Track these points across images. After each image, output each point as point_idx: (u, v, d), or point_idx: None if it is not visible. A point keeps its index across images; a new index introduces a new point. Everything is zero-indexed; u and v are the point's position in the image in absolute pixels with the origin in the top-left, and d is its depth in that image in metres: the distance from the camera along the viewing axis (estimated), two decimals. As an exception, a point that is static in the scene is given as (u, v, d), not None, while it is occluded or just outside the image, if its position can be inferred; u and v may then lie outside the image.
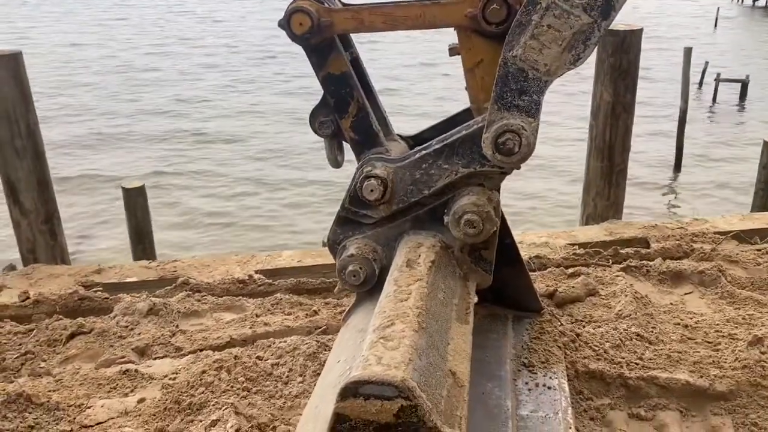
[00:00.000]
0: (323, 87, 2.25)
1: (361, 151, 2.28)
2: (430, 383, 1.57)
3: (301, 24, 2.10)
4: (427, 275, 1.97)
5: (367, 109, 2.24)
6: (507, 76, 1.91)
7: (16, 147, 4.63)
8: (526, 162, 2.05)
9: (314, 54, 2.20)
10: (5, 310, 4.24)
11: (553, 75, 1.90)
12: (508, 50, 1.89)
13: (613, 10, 1.84)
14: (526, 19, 1.85)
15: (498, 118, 1.93)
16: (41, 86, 24.71)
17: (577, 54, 1.88)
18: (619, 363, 3.25)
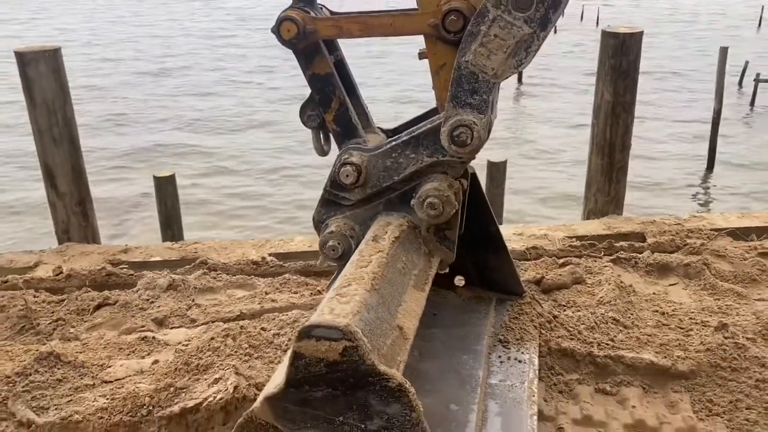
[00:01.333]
0: (309, 85, 2.57)
1: (342, 141, 2.61)
2: (375, 332, 1.89)
3: (288, 30, 2.44)
4: (389, 248, 2.29)
5: (347, 104, 2.56)
6: (461, 78, 2.21)
7: (54, 135, 5.07)
8: (477, 154, 2.35)
9: (302, 56, 2.53)
10: (41, 283, 4.68)
11: (499, 77, 2.20)
12: (461, 56, 2.19)
13: (550, 22, 2.12)
14: (476, 29, 2.15)
15: (453, 114, 2.23)
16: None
17: (520, 60, 2.17)
18: (591, 343, 3.52)
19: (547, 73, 27.29)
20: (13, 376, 3.32)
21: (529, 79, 26.62)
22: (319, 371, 1.80)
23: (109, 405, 3.09)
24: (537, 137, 19.81)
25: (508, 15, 2.10)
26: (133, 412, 3.05)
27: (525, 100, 25.09)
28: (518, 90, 26.49)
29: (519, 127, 21.12)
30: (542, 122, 21.30)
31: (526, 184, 15.37)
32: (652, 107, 20.87)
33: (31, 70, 4.86)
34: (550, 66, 28.55)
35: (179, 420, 3.03)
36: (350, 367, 1.78)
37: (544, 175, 16.21)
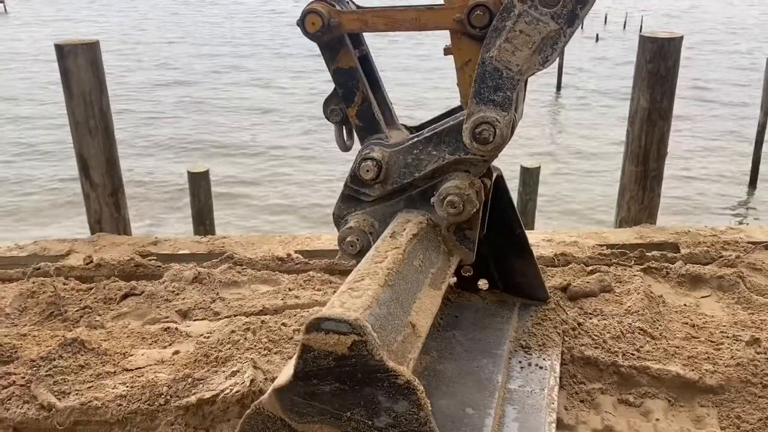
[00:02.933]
0: (333, 79, 2.56)
1: (364, 137, 2.59)
2: (386, 328, 1.86)
3: (313, 23, 2.43)
4: (406, 245, 2.26)
5: (371, 99, 2.54)
6: (484, 74, 2.17)
7: (90, 127, 5.17)
8: (501, 151, 2.30)
9: (326, 50, 2.52)
10: (72, 271, 4.76)
11: (524, 74, 2.15)
12: (486, 51, 2.15)
13: (578, 18, 2.07)
14: (501, 25, 2.11)
15: (476, 111, 2.20)
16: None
17: (546, 56, 2.12)
18: (615, 352, 3.43)
19: (585, 80, 26.92)
20: (38, 360, 3.37)
21: (567, 76, 26.27)
22: (327, 365, 1.78)
23: (128, 392, 3.12)
24: (574, 143, 19.51)
25: (534, 10, 2.06)
26: (150, 400, 3.08)
27: (563, 105, 24.77)
28: (557, 94, 26.16)
29: (556, 133, 20.83)
30: (580, 129, 20.98)
31: (559, 191, 15.11)
32: (688, 120, 20.37)
33: (70, 63, 4.97)
34: (587, 71, 28.17)
35: (195, 411, 3.04)
36: (359, 362, 1.75)
37: (579, 181, 15.94)
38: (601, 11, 45.69)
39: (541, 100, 24.34)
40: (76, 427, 3.05)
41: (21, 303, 4.21)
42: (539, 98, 24.65)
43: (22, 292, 4.29)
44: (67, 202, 13.61)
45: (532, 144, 18.65)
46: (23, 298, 4.25)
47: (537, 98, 24.47)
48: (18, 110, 22.04)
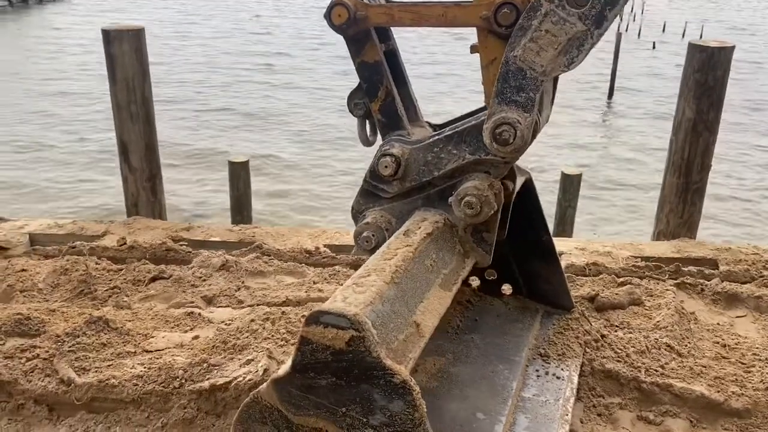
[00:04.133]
0: (357, 73, 2.54)
1: (386, 132, 2.56)
2: (387, 326, 1.84)
3: (339, 15, 2.41)
4: (418, 243, 2.22)
5: (394, 95, 2.52)
6: (508, 74, 2.12)
7: (131, 112, 5.28)
8: (521, 153, 2.25)
9: (352, 43, 2.51)
10: (105, 251, 4.87)
11: (548, 75, 2.09)
12: (510, 50, 2.10)
13: (606, 20, 2.00)
14: (527, 24, 2.06)
15: (498, 111, 2.15)
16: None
17: (571, 58, 2.06)
18: (638, 367, 3.33)
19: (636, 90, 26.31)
20: (63, 336, 3.46)
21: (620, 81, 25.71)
22: (325, 359, 1.77)
23: (144, 373, 3.17)
24: (619, 151, 19.07)
25: (561, 10, 2.00)
26: (165, 383, 3.12)
27: (614, 111, 24.25)
28: (609, 101, 25.63)
29: (602, 140, 20.40)
30: (628, 136, 20.51)
31: (600, 199, 14.79)
32: (736, 132, 19.65)
33: (114, 48, 5.08)
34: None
35: (208, 396, 3.07)
36: (356, 357, 1.74)
37: (622, 191, 15.57)
38: (659, 20, 44.66)
39: (591, 105, 23.90)
40: (93, 403, 3.11)
41: (54, 279, 4.33)
42: (589, 104, 24.22)
43: (56, 269, 4.41)
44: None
45: (577, 150, 18.31)
46: (56, 275, 4.36)
47: (586, 104, 24.05)
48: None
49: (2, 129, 18.42)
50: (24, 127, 18.98)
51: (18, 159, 16.21)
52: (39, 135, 18.11)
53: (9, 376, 3.14)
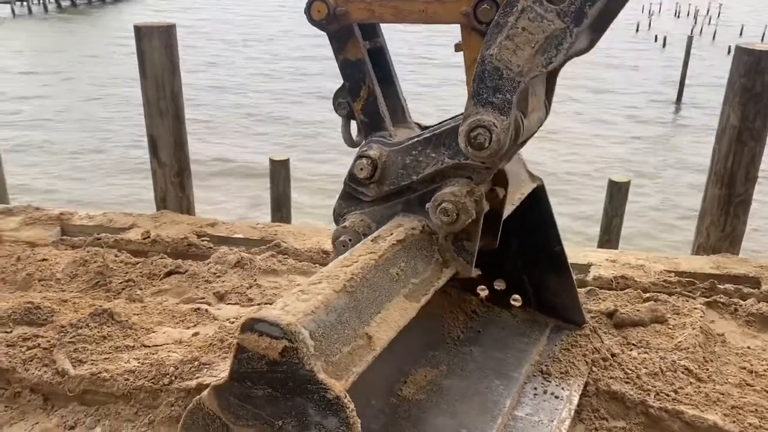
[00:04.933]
0: (340, 71, 2.46)
1: (369, 133, 2.46)
2: (330, 337, 1.74)
3: (319, 11, 2.33)
4: (385, 251, 2.11)
5: (376, 94, 2.41)
6: (484, 74, 1.99)
7: (161, 108, 5.36)
8: (498, 158, 2.11)
9: (334, 40, 2.42)
10: (128, 244, 4.94)
11: (525, 76, 1.95)
12: (486, 48, 1.97)
13: (586, 17, 1.85)
14: (503, 20, 1.92)
15: (473, 113, 2.02)
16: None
17: (549, 58, 1.91)
18: (648, 390, 3.12)
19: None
20: (67, 327, 3.50)
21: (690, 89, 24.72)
22: (261, 368, 1.69)
23: (137, 368, 3.17)
24: (684, 158, 18.24)
25: (539, 6, 1.86)
26: (156, 379, 3.11)
27: (684, 117, 23.29)
28: (676, 105, 24.66)
29: (664, 147, 19.60)
30: (693, 145, 19.63)
31: (651, 207, 14.13)
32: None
33: (145, 44, 5.16)
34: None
35: (195, 394, 3.03)
36: (290, 369, 1.65)
37: (671, 200, 14.86)
38: (736, 22, 42.76)
39: (656, 114, 23.02)
40: (85, 395, 3.13)
41: (73, 270, 4.41)
42: (654, 111, 23.36)
43: (76, 259, 4.49)
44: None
45: (630, 156, 17.55)
46: (76, 266, 4.44)
47: (650, 112, 23.19)
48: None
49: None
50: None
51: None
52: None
53: (8, 364, 3.19)
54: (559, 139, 18.39)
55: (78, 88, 24.63)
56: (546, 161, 15.81)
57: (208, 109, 22.16)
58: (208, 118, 20.95)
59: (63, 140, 18.05)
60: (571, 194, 14.23)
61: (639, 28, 45.71)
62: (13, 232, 5.18)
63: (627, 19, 49.29)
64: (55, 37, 35.44)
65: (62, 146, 17.52)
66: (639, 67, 31.43)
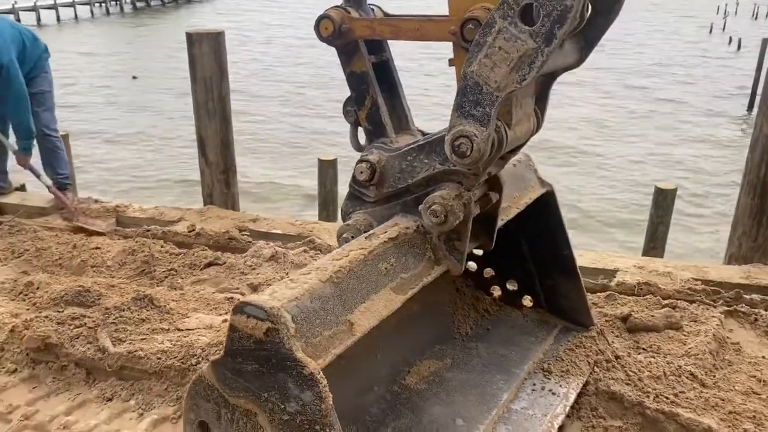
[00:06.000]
0: (348, 82, 2.67)
1: (372, 140, 2.68)
2: (312, 321, 1.96)
3: (326, 28, 2.55)
4: (376, 247, 2.32)
5: (379, 104, 2.62)
6: (466, 88, 2.17)
7: (209, 109, 5.71)
8: (480, 165, 2.28)
9: (342, 54, 2.64)
10: (175, 236, 5.31)
11: (502, 91, 2.11)
12: (468, 65, 2.14)
13: (555, 38, 1.99)
14: (482, 40, 2.10)
15: (457, 123, 2.20)
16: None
17: (523, 75, 2.07)
18: (648, 393, 3.21)
19: None
20: (111, 309, 3.84)
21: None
22: (249, 346, 1.92)
23: (169, 349, 3.47)
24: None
25: (514, 27, 2.03)
26: (185, 359, 3.40)
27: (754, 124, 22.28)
28: (747, 114, 23.72)
29: (731, 155, 18.93)
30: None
31: (693, 217, 13.66)
32: None
33: (195, 50, 5.51)
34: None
35: (218, 375, 3.31)
36: (273, 347, 1.88)
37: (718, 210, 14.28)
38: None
39: (726, 121, 22.19)
40: (122, 371, 3.45)
41: (122, 258, 4.79)
42: (724, 118, 22.54)
43: (125, 248, 4.87)
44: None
45: (690, 163, 17.00)
46: (125, 254, 4.82)
47: (721, 119, 22.39)
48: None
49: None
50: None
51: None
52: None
53: (57, 339, 3.55)
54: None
55: (153, 87, 25.58)
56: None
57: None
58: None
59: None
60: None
61: (713, 30, 44.12)
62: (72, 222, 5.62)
63: (699, 21, 47.51)
64: (130, 38, 36.88)
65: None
66: (707, 71, 30.34)
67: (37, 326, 3.61)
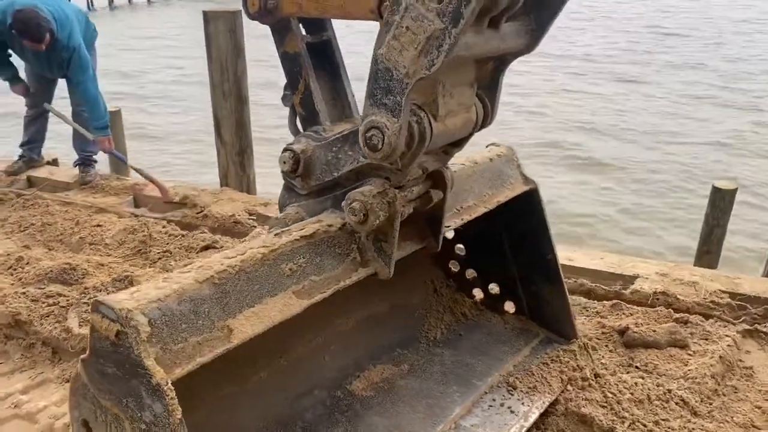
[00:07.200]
0: (281, 64, 2.47)
1: (306, 127, 2.47)
2: (176, 325, 1.79)
3: (253, 4, 2.36)
4: (283, 245, 2.12)
5: (311, 89, 2.41)
6: (377, 74, 1.92)
7: (224, 90, 5.63)
8: (393, 160, 2.03)
9: (275, 33, 2.43)
10: (184, 218, 5.27)
11: (412, 78, 1.86)
12: (377, 47, 1.90)
13: (462, 17, 1.73)
14: (390, 19, 1.84)
15: (369, 113, 1.96)
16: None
17: (432, 59, 1.81)
18: (623, 418, 2.89)
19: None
20: (90, 289, 3.83)
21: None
22: (107, 348, 1.78)
23: (130, 334, 3.40)
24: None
25: (421, 5, 1.77)
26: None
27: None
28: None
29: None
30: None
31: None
32: None
33: (211, 28, 5.43)
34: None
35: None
36: (125, 352, 1.73)
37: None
38: None
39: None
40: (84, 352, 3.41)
41: (121, 237, 4.79)
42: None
43: (126, 227, 4.87)
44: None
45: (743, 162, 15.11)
46: (125, 233, 4.82)
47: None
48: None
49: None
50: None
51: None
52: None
53: (27, 317, 3.56)
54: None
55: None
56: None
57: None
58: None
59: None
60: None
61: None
62: (90, 197, 5.70)
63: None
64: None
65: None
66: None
67: (10, 302, 3.62)
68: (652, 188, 12.46)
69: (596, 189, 12.46)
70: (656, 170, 13.38)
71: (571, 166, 13.74)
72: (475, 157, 3.07)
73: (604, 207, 11.60)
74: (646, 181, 12.77)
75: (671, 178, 13.10)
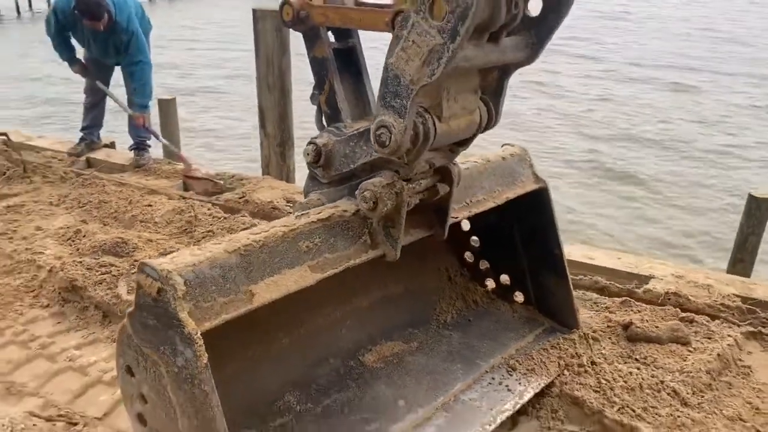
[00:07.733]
0: (311, 67, 2.78)
1: (330, 123, 2.78)
2: (207, 287, 2.12)
3: (287, 14, 2.67)
4: (302, 226, 2.43)
5: (336, 89, 2.71)
6: (387, 80, 2.21)
7: (269, 82, 5.99)
8: (399, 156, 2.32)
9: (306, 39, 2.74)
10: (227, 202, 5.66)
11: (416, 84, 2.14)
12: (388, 57, 2.19)
13: (459, 35, 1.99)
14: (399, 33, 2.13)
15: (380, 113, 2.25)
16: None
17: (432, 70, 2.08)
18: (613, 403, 3.12)
19: None
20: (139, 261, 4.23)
21: None
22: (149, 303, 2.12)
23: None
24: None
25: (425, 22, 2.05)
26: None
27: None
28: None
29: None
30: None
31: None
32: None
33: (260, 26, 5.80)
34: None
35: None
36: (163, 306, 2.07)
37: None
38: None
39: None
40: (131, 317, 3.81)
41: (170, 217, 5.20)
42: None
43: (175, 207, 5.28)
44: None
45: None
46: (173, 213, 5.23)
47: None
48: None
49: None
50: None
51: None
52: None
53: (82, 283, 3.97)
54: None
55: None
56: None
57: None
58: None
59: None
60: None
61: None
62: (143, 179, 6.15)
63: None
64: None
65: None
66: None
67: (68, 270, 4.05)
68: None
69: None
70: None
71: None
72: (489, 155, 3.33)
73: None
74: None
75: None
